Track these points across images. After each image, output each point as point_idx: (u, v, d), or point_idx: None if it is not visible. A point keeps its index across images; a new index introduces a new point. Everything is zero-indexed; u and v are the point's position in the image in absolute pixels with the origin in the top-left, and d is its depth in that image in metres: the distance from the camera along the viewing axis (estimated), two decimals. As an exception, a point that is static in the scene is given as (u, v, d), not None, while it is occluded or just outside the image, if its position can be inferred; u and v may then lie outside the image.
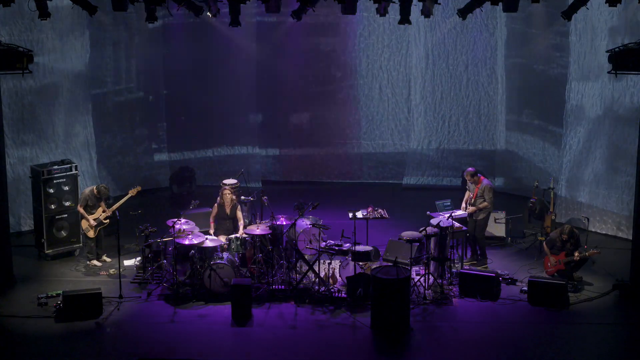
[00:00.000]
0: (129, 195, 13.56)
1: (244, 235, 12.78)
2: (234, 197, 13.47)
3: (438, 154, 18.20)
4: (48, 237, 13.73)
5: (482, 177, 13.42)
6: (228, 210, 13.32)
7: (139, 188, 13.75)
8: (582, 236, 13.11)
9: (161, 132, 18.13)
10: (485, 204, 13.20)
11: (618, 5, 12.00)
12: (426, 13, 12.96)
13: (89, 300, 11.48)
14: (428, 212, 14.19)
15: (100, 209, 13.42)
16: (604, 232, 15.16)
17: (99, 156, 16.68)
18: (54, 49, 15.18)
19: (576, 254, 12.50)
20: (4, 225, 12.81)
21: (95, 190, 13.41)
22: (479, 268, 12.99)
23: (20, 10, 14.12)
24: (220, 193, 13.41)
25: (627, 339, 11.20)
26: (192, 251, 12.40)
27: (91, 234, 13.39)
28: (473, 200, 13.30)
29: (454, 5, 16.43)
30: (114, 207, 13.43)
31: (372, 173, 18.64)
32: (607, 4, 11.90)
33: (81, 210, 13.37)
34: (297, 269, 12.69)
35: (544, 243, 12.97)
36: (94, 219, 13.36)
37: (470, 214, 13.34)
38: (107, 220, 13.44)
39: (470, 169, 13.59)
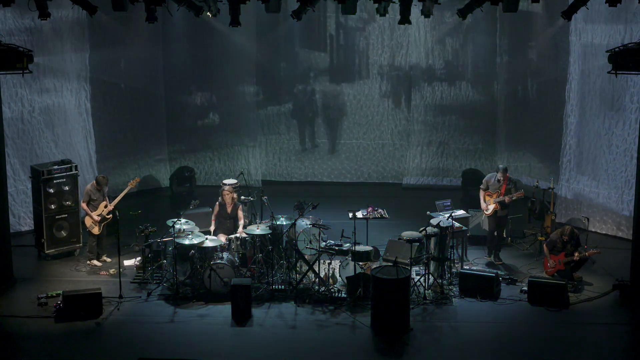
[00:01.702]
0: (129, 188, 13.58)
1: (244, 235, 12.79)
2: (234, 196, 13.47)
3: (438, 154, 18.20)
4: (48, 237, 13.73)
5: (507, 174, 13.53)
6: (229, 210, 13.33)
7: (137, 179, 13.81)
8: (582, 236, 13.11)
9: (161, 132, 18.12)
10: (521, 192, 13.39)
11: (618, 5, 12.00)
12: (426, 13, 12.96)
13: (89, 300, 11.49)
14: (428, 212, 14.21)
15: (102, 205, 13.42)
16: (604, 232, 15.15)
17: (99, 156, 16.68)
18: (54, 49, 15.18)
19: (576, 254, 12.50)
20: (4, 225, 12.80)
21: (94, 183, 13.42)
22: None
23: (20, 10, 14.13)
24: (221, 193, 13.42)
25: (627, 339, 11.21)
26: (192, 251, 12.40)
27: (95, 230, 13.39)
28: (502, 197, 13.29)
29: (454, 5, 16.43)
30: (116, 200, 13.46)
31: (372, 173, 18.64)
32: (607, 4, 11.90)
33: (84, 206, 13.37)
34: (297, 269, 12.69)
35: (544, 245, 12.96)
36: (98, 215, 13.36)
37: (494, 212, 13.38)
38: (110, 216, 13.45)
39: (501, 165, 13.60)
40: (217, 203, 13.46)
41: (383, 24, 17.60)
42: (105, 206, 13.43)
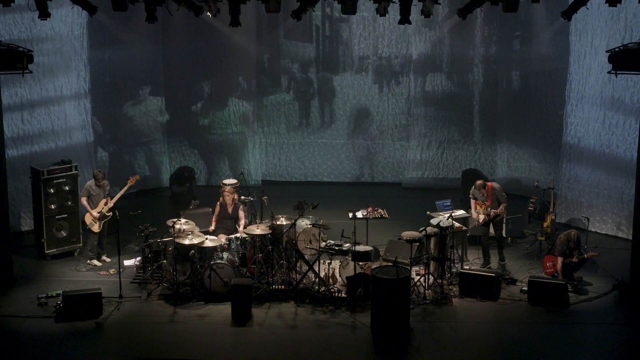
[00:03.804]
0: (129, 185, 13.57)
1: (244, 235, 12.79)
2: (235, 196, 13.47)
3: (438, 154, 18.20)
4: (48, 237, 13.73)
5: (488, 184, 13.45)
6: (230, 210, 13.33)
7: (137, 177, 13.80)
8: (582, 236, 13.10)
9: (161, 132, 18.12)
10: (504, 204, 13.30)
11: (618, 5, 12.00)
12: (426, 13, 12.95)
13: (89, 300, 11.49)
14: (428, 212, 14.21)
15: (102, 202, 13.42)
16: (604, 232, 15.15)
17: (98, 156, 16.68)
18: (54, 49, 15.18)
19: (575, 256, 12.47)
20: (4, 225, 12.80)
21: (93, 179, 13.42)
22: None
23: (20, 10, 14.13)
24: (221, 193, 13.41)
25: (627, 339, 11.21)
26: (192, 251, 12.40)
27: (96, 227, 13.39)
28: (489, 208, 13.27)
29: (454, 5, 16.43)
30: (116, 197, 13.47)
31: (372, 173, 18.64)
32: (607, 4, 11.90)
33: (84, 202, 13.36)
34: (297, 269, 12.69)
35: (559, 262, 12.56)
36: (97, 212, 13.36)
37: (487, 219, 13.33)
38: (110, 213, 13.44)
39: (478, 181, 13.50)
40: (218, 203, 13.46)
41: (384, 23, 17.58)
42: (106, 203, 13.43)
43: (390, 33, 17.88)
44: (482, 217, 13.35)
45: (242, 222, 13.30)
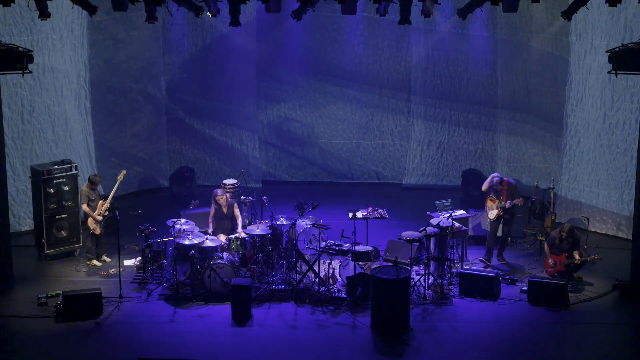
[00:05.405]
0: (118, 181, 13.57)
1: (244, 235, 12.79)
2: (228, 195, 13.47)
3: (438, 154, 18.20)
4: (48, 237, 13.73)
5: (505, 179, 13.47)
6: (225, 210, 13.34)
7: (124, 171, 13.81)
8: (582, 236, 13.10)
9: (161, 132, 18.12)
10: (521, 199, 13.36)
11: (618, 5, 12.00)
12: (426, 13, 12.95)
13: (89, 300, 11.49)
14: (428, 212, 14.21)
15: (99, 203, 13.43)
16: (604, 232, 15.15)
17: (98, 156, 16.69)
18: (54, 49, 15.18)
19: (577, 257, 12.48)
20: (4, 225, 12.80)
21: (89, 183, 13.42)
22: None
23: (20, 10, 14.14)
24: (213, 198, 13.38)
25: (627, 339, 11.21)
26: (192, 251, 12.41)
27: (98, 230, 13.39)
28: (504, 202, 13.29)
29: (454, 5, 16.44)
30: (110, 196, 13.47)
31: (372, 173, 18.64)
32: (607, 4, 11.90)
33: (86, 208, 13.35)
34: (297, 269, 12.69)
35: (545, 242, 12.97)
36: (99, 214, 13.37)
37: (499, 216, 13.38)
38: (107, 212, 13.46)
39: (497, 177, 13.45)
40: (213, 206, 13.45)
41: (384, 23, 17.57)
42: (102, 205, 13.44)
43: (390, 33, 17.87)
44: (494, 212, 13.36)
45: (239, 220, 13.30)
